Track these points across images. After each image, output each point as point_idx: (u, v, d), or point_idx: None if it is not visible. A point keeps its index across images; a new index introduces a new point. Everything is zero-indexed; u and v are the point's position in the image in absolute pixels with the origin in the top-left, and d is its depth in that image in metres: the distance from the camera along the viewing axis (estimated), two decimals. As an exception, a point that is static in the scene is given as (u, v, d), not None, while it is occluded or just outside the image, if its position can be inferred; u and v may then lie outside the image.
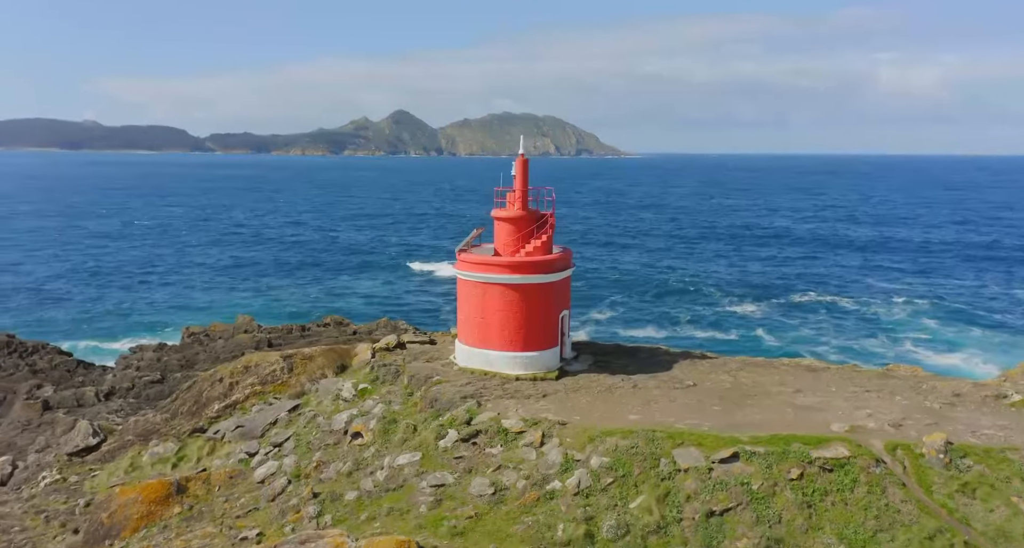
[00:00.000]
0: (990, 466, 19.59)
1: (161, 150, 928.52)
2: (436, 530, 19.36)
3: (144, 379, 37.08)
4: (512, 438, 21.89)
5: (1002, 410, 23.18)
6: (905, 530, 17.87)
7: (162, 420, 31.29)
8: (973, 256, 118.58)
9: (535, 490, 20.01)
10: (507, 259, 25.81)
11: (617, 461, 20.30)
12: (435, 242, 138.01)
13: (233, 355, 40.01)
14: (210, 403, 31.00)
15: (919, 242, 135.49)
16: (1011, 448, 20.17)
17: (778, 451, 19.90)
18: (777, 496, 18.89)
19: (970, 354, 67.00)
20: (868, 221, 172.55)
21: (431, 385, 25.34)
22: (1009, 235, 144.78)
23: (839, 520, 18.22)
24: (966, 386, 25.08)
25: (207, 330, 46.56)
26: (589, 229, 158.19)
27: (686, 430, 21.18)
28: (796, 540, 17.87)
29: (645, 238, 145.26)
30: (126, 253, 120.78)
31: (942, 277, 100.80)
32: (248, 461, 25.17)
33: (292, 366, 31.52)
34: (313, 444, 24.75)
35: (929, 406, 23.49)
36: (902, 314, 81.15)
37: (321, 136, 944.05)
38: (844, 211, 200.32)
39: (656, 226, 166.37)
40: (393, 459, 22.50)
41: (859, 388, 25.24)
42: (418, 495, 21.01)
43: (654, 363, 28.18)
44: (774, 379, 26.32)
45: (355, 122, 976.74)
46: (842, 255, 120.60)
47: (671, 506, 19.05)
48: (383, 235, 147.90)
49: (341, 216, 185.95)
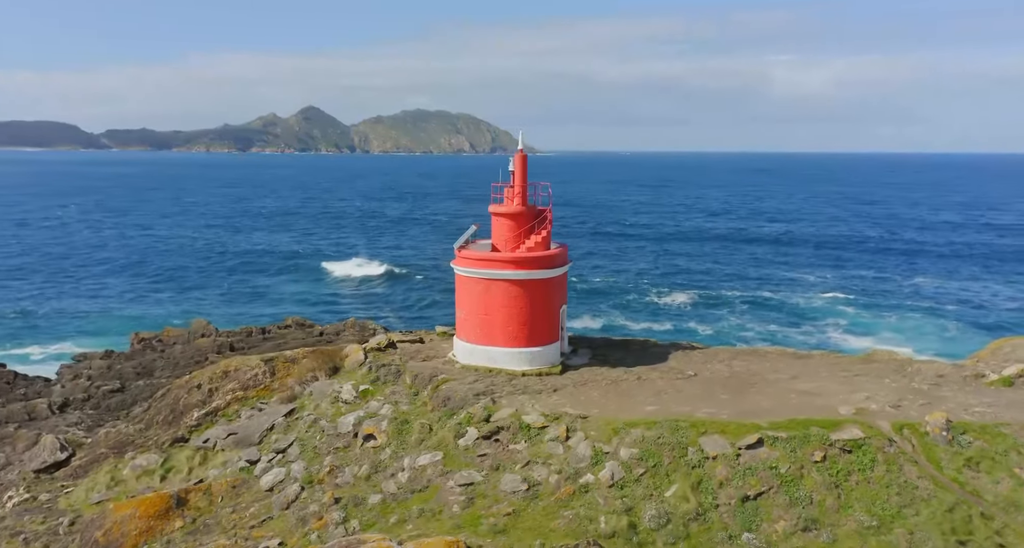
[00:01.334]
0: (988, 441, 20.96)
1: (52, 147, 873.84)
2: (476, 529, 19.18)
3: (102, 388, 34.95)
4: (535, 433, 21.90)
5: (983, 389, 24.83)
6: (926, 505, 18.91)
7: (136, 431, 29.66)
8: (878, 248, 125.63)
9: (569, 484, 20.11)
10: (512, 255, 25.76)
11: (646, 452, 20.63)
12: (358, 240, 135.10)
13: (196, 361, 38.24)
14: (189, 411, 29.60)
15: (827, 236, 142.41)
16: (1003, 424, 21.63)
17: (799, 435, 20.69)
18: (805, 478, 19.65)
19: (884, 337, 70.95)
20: (781, 218, 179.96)
21: (438, 384, 25.03)
22: (908, 229, 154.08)
23: (866, 498, 19.12)
24: (947, 368, 26.72)
25: (159, 336, 44.24)
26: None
27: (708, 419, 21.73)
28: (830, 519, 18.65)
29: (561, 238, 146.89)
30: (17, 259, 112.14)
31: (853, 268, 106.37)
32: (250, 469, 24.21)
33: (274, 369, 30.48)
34: (320, 448, 24.04)
35: (917, 387, 24.91)
36: (819, 302, 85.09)
37: (227, 132, 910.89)
38: (755, 207, 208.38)
39: (573, 225, 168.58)
40: (413, 460, 22.13)
41: (848, 373, 26.50)
42: (447, 495, 20.76)
43: (648, 355, 28.71)
44: (767, 366, 27.30)
45: (263, 118, 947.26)
46: (757, 249, 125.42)
47: (706, 493, 19.53)
48: (305, 235, 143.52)
49: (257, 216, 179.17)
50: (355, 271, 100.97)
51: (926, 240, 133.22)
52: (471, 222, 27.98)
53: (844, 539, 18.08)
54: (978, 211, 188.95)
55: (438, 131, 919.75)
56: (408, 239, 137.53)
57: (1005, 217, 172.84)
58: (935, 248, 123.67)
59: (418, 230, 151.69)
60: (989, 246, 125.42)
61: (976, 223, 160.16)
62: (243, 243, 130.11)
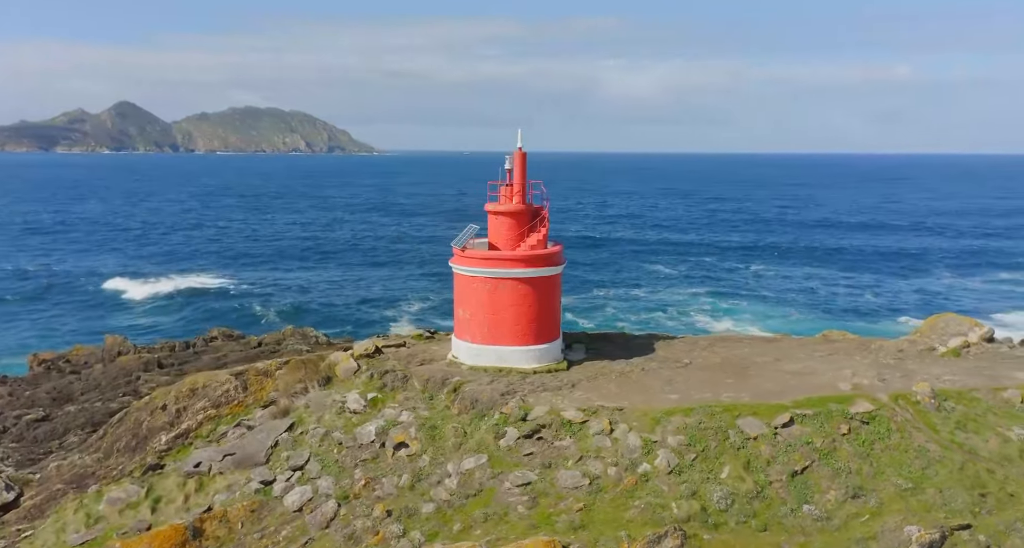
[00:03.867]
0: (967, 405, 23.79)
1: None
2: (553, 527, 19.20)
3: (25, 418, 30.78)
4: (578, 429, 22.16)
5: (938, 360, 28.02)
6: (941, 465, 21.19)
7: (94, 461, 26.62)
8: (729, 245, 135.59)
9: (630, 475, 20.59)
10: (523, 253, 25.78)
11: (692, 438, 21.54)
12: (200, 247, 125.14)
13: (126, 380, 34.57)
14: (154, 435, 27.00)
15: (679, 231, 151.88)
16: (973, 389, 24.61)
17: (823, 412, 22.46)
18: (838, 450, 21.37)
19: (744, 320, 76.93)
20: (624, 216, 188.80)
21: (454, 387, 24.58)
22: (754, 223, 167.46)
23: (894, 464, 21.11)
24: (903, 344, 29.84)
25: (65, 356, 39.42)
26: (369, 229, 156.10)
27: (738, 402, 23.01)
28: (871, 485, 20.42)
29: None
30: None
31: (707, 259, 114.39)
32: (267, 490, 22.55)
33: (246, 384, 28.48)
34: (343, 462, 22.86)
35: (886, 362, 27.68)
36: (683, 295, 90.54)
37: (25, 130, 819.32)
38: (602, 208, 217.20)
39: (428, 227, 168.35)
40: (458, 465, 21.66)
41: (821, 353, 28.91)
42: (506, 497, 20.56)
43: (635, 346, 29.69)
44: (749, 351, 29.16)
45: (68, 114, 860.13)
46: (614, 245, 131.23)
47: (756, 472, 20.73)
48: (140, 242, 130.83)
49: (63, 222, 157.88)
50: (205, 282, 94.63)
51: (761, 235, 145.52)
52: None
53: (889, 502, 19.90)
54: (804, 208, 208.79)
55: (270, 129, 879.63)
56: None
57: (817, 213, 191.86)
58: (772, 242, 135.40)
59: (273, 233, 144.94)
60: (812, 239, 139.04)
61: (806, 220, 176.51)
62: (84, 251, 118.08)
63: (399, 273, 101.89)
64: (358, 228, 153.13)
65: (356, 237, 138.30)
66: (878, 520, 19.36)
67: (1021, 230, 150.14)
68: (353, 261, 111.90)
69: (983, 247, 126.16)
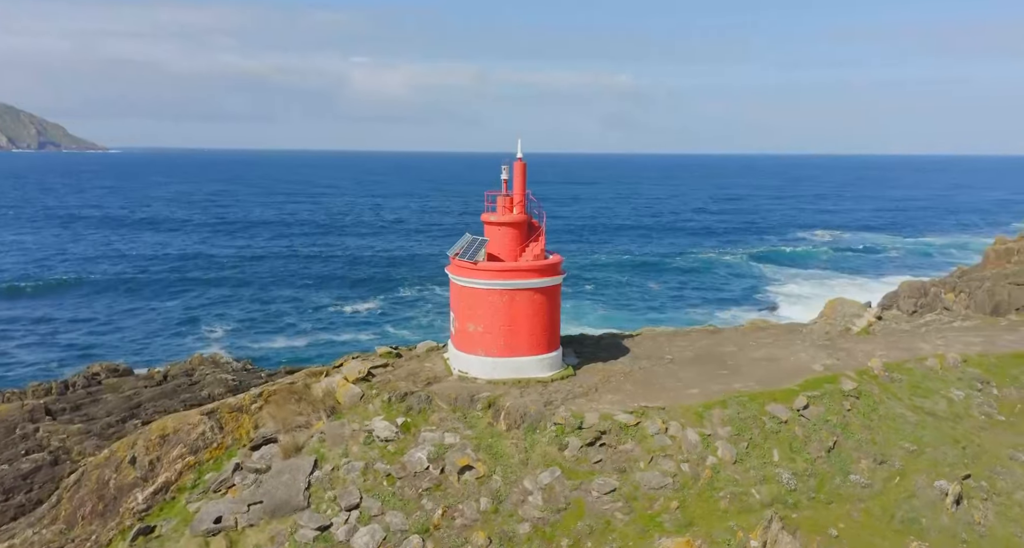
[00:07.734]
0: (908, 375, 28.28)
1: None
2: (663, 528, 19.86)
3: (-94, 495, 24.13)
4: (634, 431, 22.93)
5: (857, 338, 32.71)
6: (922, 427, 25.11)
7: (56, 535, 22.10)
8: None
9: (703, 469, 21.82)
10: (537, 263, 25.76)
11: (737, 428, 23.33)
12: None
13: (22, 436, 28.33)
14: (126, 494, 23.10)
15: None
16: (904, 361, 29.28)
17: (825, 392, 25.45)
18: (850, 425, 24.42)
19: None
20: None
21: (487, 403, 24.07)
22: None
23: (892, 429, 24.59)
24: (824, 326, 34.22)
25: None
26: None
27: (756, 391, 25.21)
28: (888, 451, 23.63)
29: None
30: None
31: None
32: (327, 536, 20.43)
33: (221, 424, 25.37)
34: (403, 493, 21.40)
35: (822, 344, 31.75)
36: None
37: None
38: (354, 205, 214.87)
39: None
40: (535, 481, 21.39)
41: (767, 340, 32.32)
42: (598, 505, 20.80)
43: (609, 347, 30.89)
44: (712, 341, 31.77)
45: None
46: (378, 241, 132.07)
47: (799, 451, 23.04)
48: None
49: None
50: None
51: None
52: None
53: (909, 464, 23.23)
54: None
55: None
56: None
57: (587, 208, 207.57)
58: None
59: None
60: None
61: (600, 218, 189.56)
62: None
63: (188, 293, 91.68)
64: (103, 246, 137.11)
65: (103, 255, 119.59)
66: (907, 480, 22.55)
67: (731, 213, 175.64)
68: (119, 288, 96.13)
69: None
